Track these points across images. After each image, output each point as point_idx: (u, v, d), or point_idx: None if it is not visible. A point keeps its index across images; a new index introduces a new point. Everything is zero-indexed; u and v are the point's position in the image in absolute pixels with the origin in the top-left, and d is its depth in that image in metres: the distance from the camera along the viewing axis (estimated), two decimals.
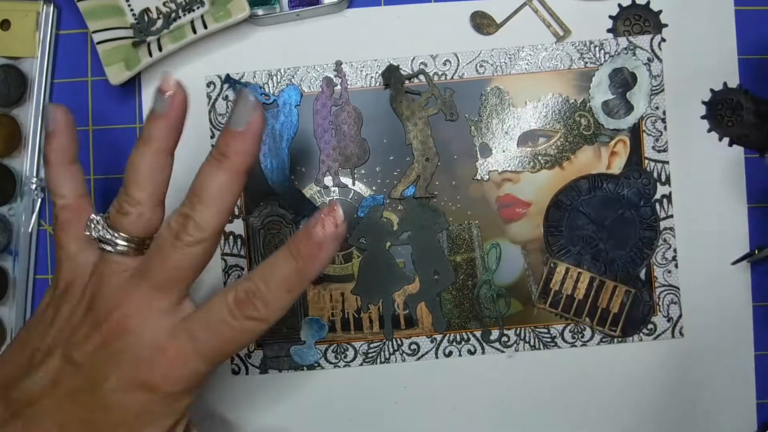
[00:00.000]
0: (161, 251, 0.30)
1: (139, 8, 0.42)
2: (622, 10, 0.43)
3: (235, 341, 0.30)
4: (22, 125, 0.43)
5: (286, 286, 0.29)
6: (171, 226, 0.30)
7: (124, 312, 0.30)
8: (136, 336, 0.30)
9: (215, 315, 0.29)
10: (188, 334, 0.29)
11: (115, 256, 0.31)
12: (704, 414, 0.43)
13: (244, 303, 0.29)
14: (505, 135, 0.43)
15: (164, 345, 0.29)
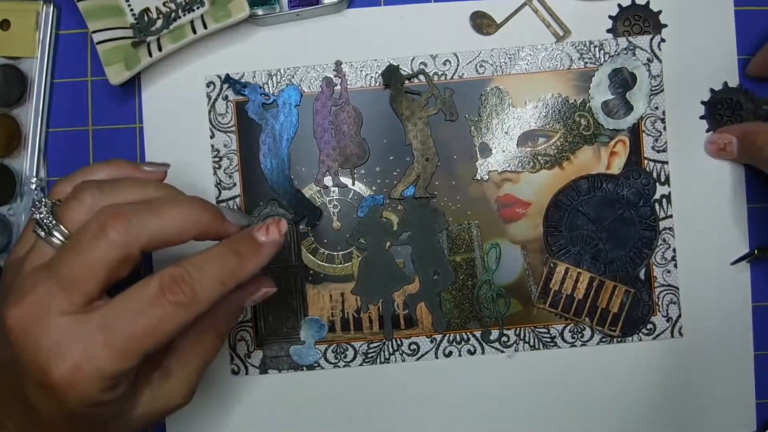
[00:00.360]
0: (80, 248, 0.28)
1: (138, 8, 0.42)
2: (621, 10, 0.43)
3: (154, 331, 0.28)
4: (22, 125, 0.43)
5: (220, 277, 0.29)
6: (162, 275, 0.28)
7: (19, 311, 0.28)
8: (33, 338, 0.27)
9: (133, 303, 0.28)
10: (98, 326, 0.27)
11: (41, 243, 0.30)
12: (704, 414, 0.43)
13: (171, 288, 0.28)
14: (505, 135, 0.43)
15: (65, 347, 0.27)
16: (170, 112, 0.44)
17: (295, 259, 0.43)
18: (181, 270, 0.29)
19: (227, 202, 0.43)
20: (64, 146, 0.44)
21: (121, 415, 0.31)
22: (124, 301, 0.28)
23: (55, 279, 0.28)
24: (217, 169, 0.43)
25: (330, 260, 0.43)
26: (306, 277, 0.43)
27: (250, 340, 0.43)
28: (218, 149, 0.43)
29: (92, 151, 0.44)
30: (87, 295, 0.28)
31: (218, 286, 0.29)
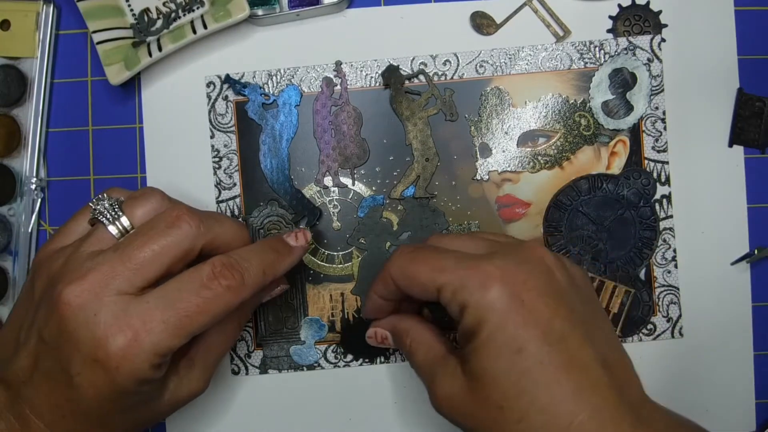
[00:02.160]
0: (152, 234, 0.31)
1: (138, 8, 0.42)
2: (622, 10, 0.43)
3: (205, 311, 0.30)
4: (22, 125, 0.44)
5: (263, 268, 0.33)
6: (213, 262, 0.32)
7: (78, 287, 0.29)
8: (91, 312, 0.29)
9: (188, 284, 0.31)
10: (155, 304, 0.29)
11: (102, 230, 0.32)
12: (704, 414, 0.43)
13: (223, 272, 0.31)
14: (505, 135, 0.43)
15: (124, 321, 0.29)
16: (170, 112, 0.44)
17: None
18: (231, 259, 0.32)
19: (227, 203, 0.43)
20: (64, 146, 0.44)
21: (153, 400, 0.33)
22: (179, 282, 0.31)
23: (121, 259, 0.30)
24: (217, 169, 0.43)
25: (330, 260, 0.43)
26: (306, 277, 0.43)
27: (250, 340, 0.43)
28: (218, 149, 0.43)
29: (92, 151, 0.44)
30: (147, 280, 0.30)
31: (261, 275, 0.33)
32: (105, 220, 0.32)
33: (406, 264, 0.33)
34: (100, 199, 0.33)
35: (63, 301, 0.29)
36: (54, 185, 0.44)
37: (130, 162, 0.44)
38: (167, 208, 0.33)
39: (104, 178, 0.44)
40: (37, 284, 0.32)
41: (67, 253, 0.32)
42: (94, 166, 0.44)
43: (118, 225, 0.32)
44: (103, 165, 0.44)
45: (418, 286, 0.32)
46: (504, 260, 0.30)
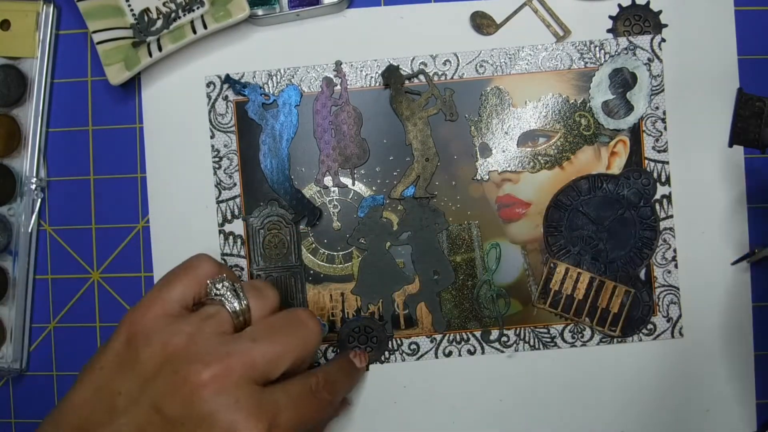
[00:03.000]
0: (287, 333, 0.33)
1: (138, 8, 0.42)
2: (622, 10, 0.43)
3: (310, 417, 0.33)
4: (22, 125, 0.44)
5: (346, 387, 0.40)
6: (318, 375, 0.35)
7: (217, 371, 0.30)
8: (230, 398, 0.30)
9: (298, 391, 0.33)
10: (274, 405, 0.31)
11: (225, 314, 0.33)
12: (704, 414, 0.43)
13: (327, 386, 0.35)
14: (505, 135, 0.43)
15: (262, 411, 0.30)
16: (170, 112, 0.44)
17: (295, 259, 0.43)
18: (329, 377, 0.36)
19: (227, 203, 0.43)
20: (64, 146, 0.44)
21: None
22: (290, 389, 0.33)
23: (260, 351, 0.32)
24: (217, 169, 0.43)
25: (330, 260, 0.43)
26: (306, 277, 0.43)
27: None
28: (218, 149, 0.43)
29: (92, 151, 0.44)
30: (276, 374, 0.32)
31: (344, 393, 0.39)
32: (228, 304, 0.33)
33: None
34: (222, 280, 0.34)
35: (200, 383, 0.30)
36: (54, 185, 0.44)
37: (130, 162, 0.44)
38: (296, 309, 0.35)
39: (104, 178, 0.44)
40: (148, 353, 0.31)
41: (187, 330, 0.32)
42: (94, 166, 0.44)
43: (238, 310, 0.33)
44: (103, 165, 0.44)
45: None
46: None
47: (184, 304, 0.34)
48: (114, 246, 0.44)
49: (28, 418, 0.45)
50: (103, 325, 0.44)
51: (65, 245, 0.44)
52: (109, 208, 0.44)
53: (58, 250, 0.44)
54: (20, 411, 0.45)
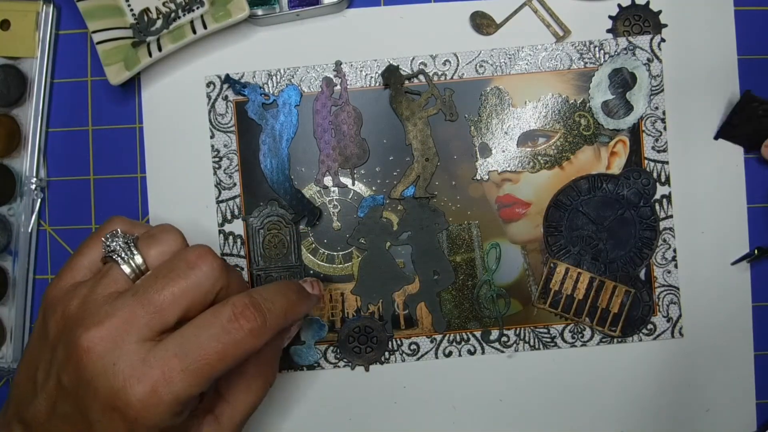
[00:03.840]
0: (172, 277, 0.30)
1: (138, 8, 0.42)
2: (621, 10, 0.43)
3: (226, 356, 0.29)
4: (21, 125, 0.43)
5: (285, 311, 0.32)
6: (234, 302, 0.30)
7: (98, 334, 0.28)
8: (110, 361, 0.28)
9: (207, 329, 0.29)
10: (174, 351, 0.28)
11: (117, 270, 0.31)
12: (704, 414, 0.43)
13: (245, 312, 0.30)
14: (505, 135, 0.43)
15: (142, 371, 0.28)
16: (170, 112, 0.44)
17: (295, 259, 0.43)
18: (252, 298, 0.30)
19: (227, 203, 0.43)
20: (64, 146, 0.44)
21: None
22: (198, 327, 0.29)
23: (141, 303, 0.29)
24: (217, 169, 0.43)
25: (330, 260, 0.43)
26: (306, 277, 0.43)
27: None
28: (218, 149, 0.43)
29: (92, 151, 0.44)
30: (166, 324, 0.29)
31: (282, 318, 0.31)
32: (119, 260, 0.31)
33: None
34: (114, 236, 0.32)
35: (82, 348, 0.28)
36: (54, 185, 0.44)
37: (129, 162, 0.44)
38: (187, 248, 0.32)
39: (104, 178, 0.44)
40: (51, 323, 0.31)
41: (82, 293, 0.31)
42: (94, 166, 0.44)
43: (133, 264, 0.31)
44: (103, 165, 0.44)
45: None
46: None
47: (93, 268, 0.33)
48: None
49: None
50: None
51: (65, 245, 0.44)
52: (109, 208, 0.44)
53: (58, 250, 0.44)
54: None
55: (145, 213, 0.44)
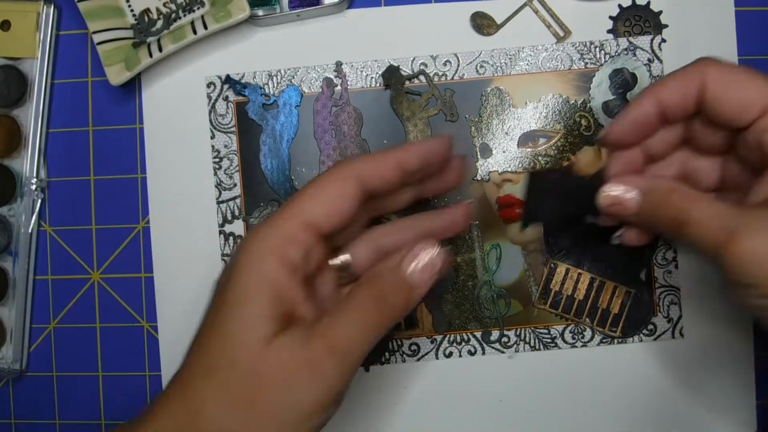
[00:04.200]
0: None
1: (139, 9, 0.42)
2: (622, 10, 0.43)
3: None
4: (22, 126, 0.43)
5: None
6: None
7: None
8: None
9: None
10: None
11: None
12: (705, 414, 0.43)
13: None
14: (506, 135, 0.43)
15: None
16: (170, 113, 0.44)
17: None
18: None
19: (228, 203, 0.43)
20: (65, 147, 0.44)
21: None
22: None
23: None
24: (218, 169, 0.43)
25: None
26: None
27: None
28: (218, 150, 0.43)
29: (92, 151, 0.44)
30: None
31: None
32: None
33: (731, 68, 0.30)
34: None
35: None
36: (54, 186, 0.44)
37: (130, 162, 0.44)
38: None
39: (104, 179, 0.44)
40: None
41: None
42: (95, 167, 0.44)
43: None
44: (104, 165, 0.44)
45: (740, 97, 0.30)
46: None
47: None
48: (114, 246, 0.44)
49: (28, 418, 0.45)
50: (103, 325, 0.44)
51: (65, 246, 0.44)
52: (110, 208, 0.44)
53: (58, 251, 0.44)
54: (20, 411, 0.45)
55: (145, 213, 0.44)
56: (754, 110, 0.29)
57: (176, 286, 0.43)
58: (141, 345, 0.44)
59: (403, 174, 0.31)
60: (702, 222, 0.29)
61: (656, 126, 0.33)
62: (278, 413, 0.27)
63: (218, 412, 0.27)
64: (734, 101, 0.30)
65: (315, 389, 0.27)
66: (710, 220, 0.29)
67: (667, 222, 0.31)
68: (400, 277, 0.29)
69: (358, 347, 0.28)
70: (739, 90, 0.30)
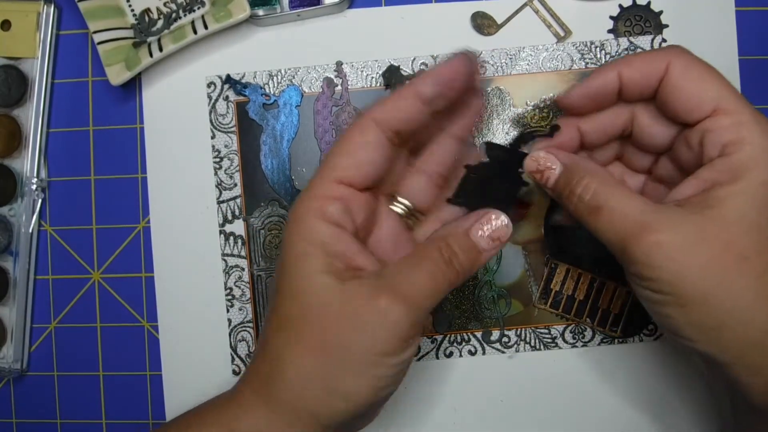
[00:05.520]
0: None
1: (139, 8, 0.42)
2: (622, 10, 0.43)
3: None
4: (22, 125, 0.43)
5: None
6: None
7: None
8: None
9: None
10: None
11: None
12: (704, 414, 0.43)
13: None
14: (506, 135, 0.43)
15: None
16: (171, 113, 0.44)
17: None
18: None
19: (228, 203, 0.43)
20: (65, 146, 0.44)
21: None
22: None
23: None
24: (218, 169, 0.43)
25: None
26: None
27: (251, 341, 0.43)
28: (219, 149, 0.43)
29: (93, 151, 0.44)
30: None
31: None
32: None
33: (695, 61, 0.30)
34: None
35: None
36: (54, 186, 0.45)
37: (130, 162, 0.44)
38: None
39: (105, 179, 0.44)
40: None
41: None
42: (95, 167, 0.44)
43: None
44: (104, 165, 0.44)
45: (697, 91, 0.30)
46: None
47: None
48: (115, 246, 0.44)
49: (28, 418, 0.45)
50: (104, 325, 0.44)
51: (66, 245, 0.44)
52: (110, 208, 0.44)
53: (58, 251, 0.44)
54: (20, 411, 0.45)
55: (146, 213, 0.44)
56: (705, 108, 0.30)
57: (177, 285, 0.44)
58: (142, 345, 0.44)
59: (423, 105, 0.30)
60: (616, 211, 0.30)
61: (612, 100, 0.33)
62: (351, 358, 0.28)
63: (297, 356, 0.29)
64: (690, 95, 0.30)
65: (386, 336, 0.28)
66: (625, 211, 0.29)
67: (581, 205, 0.31)
68: (471, 240, 0.31)
69: (427, 300, 0.29)
70: (698, 85, 0.30)
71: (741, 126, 0.29)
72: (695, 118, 0.30)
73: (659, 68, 0.31)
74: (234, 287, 0.43)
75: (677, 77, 0.30)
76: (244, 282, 0.43)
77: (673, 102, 0.31)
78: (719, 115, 0.29)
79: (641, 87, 0.32)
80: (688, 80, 0.30)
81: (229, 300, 0.43)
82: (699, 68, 0.31)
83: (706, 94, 0.30)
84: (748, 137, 0.28)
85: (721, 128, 0.29)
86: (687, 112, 0.30)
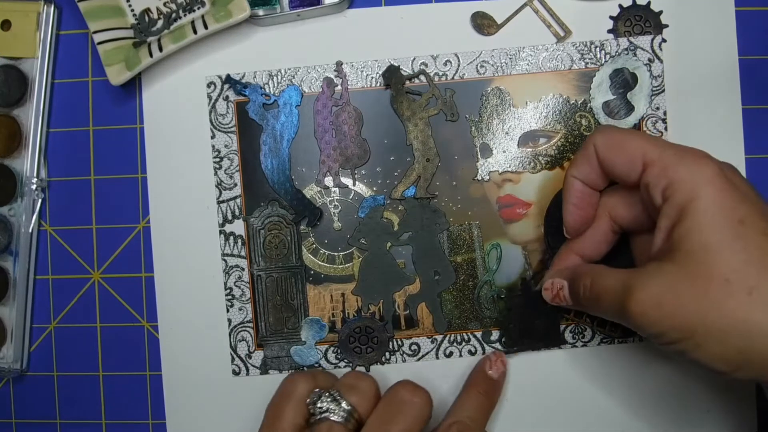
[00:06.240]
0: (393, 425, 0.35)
1: (139, 8, 0.42)
2: (622, 10, 0.43)
3: None
4: (22, 125, 0.44)
5: (483, 413, 0.39)
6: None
7: None
8: None
9: None
10: None
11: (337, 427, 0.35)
12: (705, 414, 0.43)
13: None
14: (506, 135, 0.43)
15: None
16: (171, 113, 0.44)
17: (295, 259, 0.43)
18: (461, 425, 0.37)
19: (228, 203, 0.43)
20: (65, 146, 0.44)
21: None
22: None
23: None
24: (218, 169, 0.43)
25: (331, 261, 0.43)
26: (307, 277, 0.43)
27: (250, 341, 0.43)
28: (219, 149, 0.43)
29: (93, 151, 0.44)
30: None
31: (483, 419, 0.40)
32: (334, 416, 0.35)
33: (614, 133, 0.34)
34: (319, 396, 0.36)
35: None
36: (54, 185, 0.45)
37: (130, 162, 0.44)
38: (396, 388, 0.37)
39: (105, 179, 0.44)
40: None
41: None
42: (95, 167, 0.44)
43: (346, 416, 0.35)
44: (104, 165, 0.44)
45: (624, 157, 0.33)
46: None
47: (298, 429, 0.36)
48: (114, 246, 0.44)
49: (28, 418, 0.45)
50: (104, 325, 0.44)
51: (66, 245, 0.44)
52: (110, 208, 0.44)
53: (58, 251, 0.44)
54: (20, 411, 0.45)
55: (146, 213, 0.44)
56: (636, 167, 0.33)
57: (177, 285, 0.44)
58: (142, 344, 0.44)
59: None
60: (607, 290, 0.33)
61: (595, 198, 0.37)
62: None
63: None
64: (620, 162, 0.33)
65: None
66: (611, 285, 0.33)
67: (588, 302, 0.35)
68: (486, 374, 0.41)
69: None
70: (621, 151, 0.33)
71: (667, 169, 0.31)
72: (634, 179, 0.33)
73: (593, 157, 0.34)
74: (234, 287, 0.43)
75: (604, 156, 0.34)
76: (244, 282, 0.43)
77: (615, 175, 0.34)
78: (648, 168, 0.32)
79: (596, 177, 0.35)
80: (611, 154, 0.34)
81: (229, 300, 0.43)
82: (616, 138, 0.34)
83: (629, 157, 0.33)
84: (676, 176, 0.31)
85: (654, 178, 0.32)
86: (626, 176, 0.33)
